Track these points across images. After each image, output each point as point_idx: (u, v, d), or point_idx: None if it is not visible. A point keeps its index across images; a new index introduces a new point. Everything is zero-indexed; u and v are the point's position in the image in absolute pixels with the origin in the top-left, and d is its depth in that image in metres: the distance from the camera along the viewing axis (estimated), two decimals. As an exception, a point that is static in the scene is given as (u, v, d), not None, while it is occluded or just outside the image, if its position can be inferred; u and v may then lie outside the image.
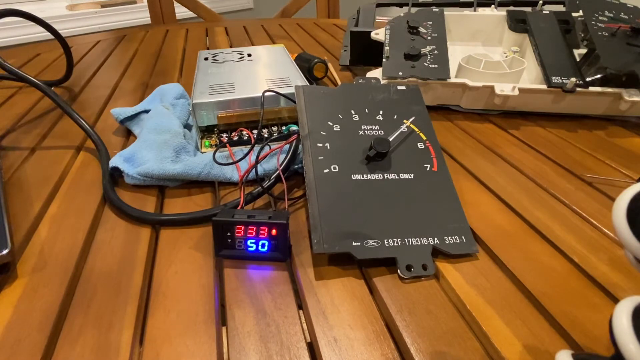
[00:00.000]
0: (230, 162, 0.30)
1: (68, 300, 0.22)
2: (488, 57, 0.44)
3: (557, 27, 0.46)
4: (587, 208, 0.29)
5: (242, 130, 0.35)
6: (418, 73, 0.42)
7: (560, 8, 0.56)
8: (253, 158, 0.29)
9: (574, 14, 0.48)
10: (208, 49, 0.52)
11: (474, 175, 0.33)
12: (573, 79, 0.39)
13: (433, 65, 0.43)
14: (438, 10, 0.51)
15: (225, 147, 0.34)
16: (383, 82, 0.42)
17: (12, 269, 0.24)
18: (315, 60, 0.49)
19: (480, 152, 0.37)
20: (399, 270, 0.24)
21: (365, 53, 0.57)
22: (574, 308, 0.21)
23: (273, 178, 0.29)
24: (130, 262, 0.25)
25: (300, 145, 0.29)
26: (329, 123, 0.30)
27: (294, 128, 0.34)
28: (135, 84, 0.54)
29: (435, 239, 0.25)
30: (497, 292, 0.23)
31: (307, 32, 0.82)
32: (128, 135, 0.40)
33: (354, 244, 0.24)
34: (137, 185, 0.32)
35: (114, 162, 0.32)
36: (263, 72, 0.40)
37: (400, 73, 0.42)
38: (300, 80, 0.37)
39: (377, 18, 0.62)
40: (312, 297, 0.22)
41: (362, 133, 0.30)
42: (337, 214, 0.25)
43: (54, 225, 0.28)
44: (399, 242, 0.25)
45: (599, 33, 0.42)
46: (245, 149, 0.34)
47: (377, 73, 0.45)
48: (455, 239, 0.25)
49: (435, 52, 0.44)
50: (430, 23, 0.49)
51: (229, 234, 0.24)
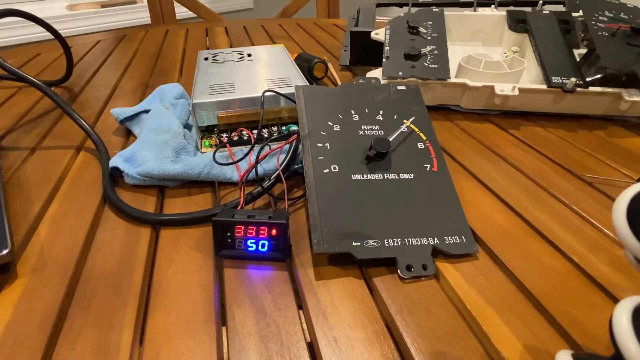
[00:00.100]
0: (230, 162, 0.30)
1: (68, 300, 0.22)
2: (488, 57, 0.44)
3: (557, 27, 0.46)
4: (587, 208, 0.29)
5: (242, 130, 0.35)
6: (418, 73, 0.42)
7: (560, 8, 0.56)
8: (253, 158, 0.29)
9: (574, 14, 0.48)
10: (208, 49, 0.52)
11: (474, 175, 0.33)
12: (573, 79, 0.39)
13: (433, 65, 0.43)
14: (438, 10, 0.51)
15: (225, 147, 0.34)
16: (383, 82, 0.42)
17: (12, 269, 0.24)
18: (315, 60, 0.49)
19: (480, 152, 0.37)
20: (399, 270, 0.24)
21: (365, 53, 0.57)
22: (574, 308, 0.21)
23: (273, 178, 0.29)
24: (130, 262, 0.25)
25: (300, 145, 0.29)
26: (329, 123, 0.30)
27: (294, 128, 0.34)
28: (135, 84, 0.54)
29: (435, 239, 0.25)
30: (497, 292, 0.23)
31: (307, 32, 0.82)
32: (128, 135, 0.40)
33: (354, 244, 0.24)
34: (137, 185, 0.32)
35: (114, 162, 0.32)
36: (263, 72, 0.40)
37: (400, 73, 0.42)
38: (300, 80, 0.37)
39: (377, 18, 0.62)
40: (312, 297, 0.22)
41: (362, 133, 0.30)
42: (337, 214, 0.25)
43: (54, 225, 0.28)
44: (399, 242, 0.25)
45: (599, 33, 0.42)
46: (245, 149, 0.34)
47: (377, 73, 0.45)
48: (455, 239, 0.25)
49: (435, 52, 0.44)
50: (430, 23, 0.49)
51: (229, 234, 0.24)
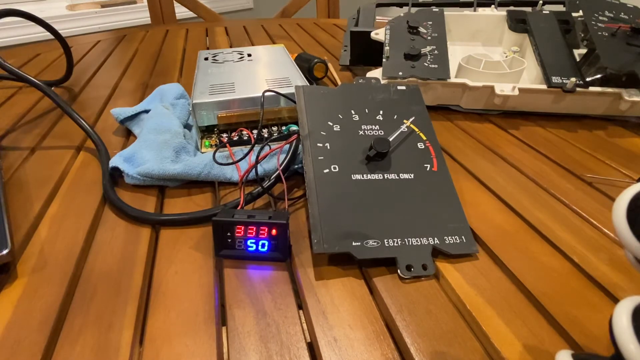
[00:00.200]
0: (230, 162, 0.30)
1: (68, 300, 0.22)
2: (488, 57, 0.44)
3: (557, 27, 0.46)
4: (587, 208, 0.29)
5: (242, 130, 0.35)
6: (418, 73, 0.42)
7: (560, 8, 0.56)
8: (253, 158, 0.29)
9: (574, 14, 0.48)
10: (208, 49, 0.52)
11: (474, 175, 0.33)
12: (573, 79, 0.39)
13: (433, 65, 0.43)
14: (438, 10, 0.51)
15: (225, 147, 0.34)
16: (383, 82, 0.42)
17: (12, 269, 0.24)
18: (315, 60, 0.49)
19: (480, 152, 0.37)
20: (399, 270, 0.24)
21: (365, 53, 0.57)
22: (574, 308, 0.21)
23: (273, 178, 0.29)
24: (130, 262, 0.25)
25: (300, 145, 0.29)
26: (329, 123, 0.30)
27: (294, 128, 0.34)
28: (135, 84, 0.54)
29: (435, 239, 0.25)
30: (497, 292, 0.23)
31: (307, 32, 0.82)
32: (128, 135, 0.40)
33: (354, 244, 0.24)
34: (137, 185, 0.32)
35: (114, 162, 0.32)
36: (263, 72, 0.40)
37: (400, 73, 0.42)
38: (300, 80, 0.37)
39: (377, 18, 0.62)
40: (312, 297, 0.22)
41: (362, 133, 0.30)
42: (337, 214, 0.25)
43: (54, 225, 0.28)
44: (399, 242, 0.25)
45: (599, 33, 0.42)
46: (245, 149, 0.34)
47: (377, 73, 0.45)
48: (455, 239, 0.25)
49: (435, 52, 0.44)
50: (430, 23, 0.49)
51: (229, 234, 0.24)
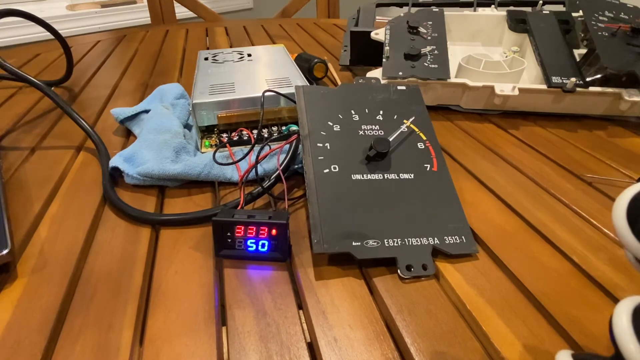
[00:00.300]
0: (230, 162, 0.30)
1: (68, 300, 0.22)
2: (488, 57, 0.44)
3: (557, 27, 0.46)
4: (587, 208, 0.29)
5: (242, 130, 0.35)
6: (418, 73, 0.42)
7: (560, 8, 0.56)
8: (253, 158, 0.29)
9: (574, 14, 0.48)
10: (208, 49, 0.52)
11: (474, 175, 0.33)
12: (573, 79, 0.39)
13: (433, 65, 0.43)
14: (438, 10, 0.51)
15: (225, 147, 0.34)
16: (383, 82, 0.42)
17: (12, 269, 0.24)
18: (315, 60, 0.49)
19: (480, 152, 0.37)
20: (399, 270, 0.24)
21: (365, 53, 0.57)
22: (574, 308, 0.21)
23: (273, 178, 0.29)
24: (130, 262, 0.25)
25: (300, 145, 0.29)
26: (329, 123, 0.30)
27: (294, 128, 0.34)
28: (135, 84, 0.54)
29: (435, 239, 0.25)
30: (497, 292, 0.23)
31: (307, 32, 0.82)
32: (128, 135, 0.40)
33: (354, 244, 0.24)
34: (137, 185, 0.32)
35: (114, 162, 0.32)
36: (263, 72, 0.40)
37: (400, 73, 0.42)
38: (300, 80, 0.37)
39: (377, 18, 0.62)
40: (312, 297, 0.22)
41: (362, 133, 0.30)
42: (337, 214, 0.25)
43: (54, 225, 0.28)
44: (399, 242, 0.25)
45: (599, 33, 0.42)
46: (245, 149, 0.34)
47: (377, 73, 0.45)
48: (455, 239, 0.25)
49: (435, 52, 0.44)
50: (430, 23, 0.49)
51: (229, 234, 0.24)
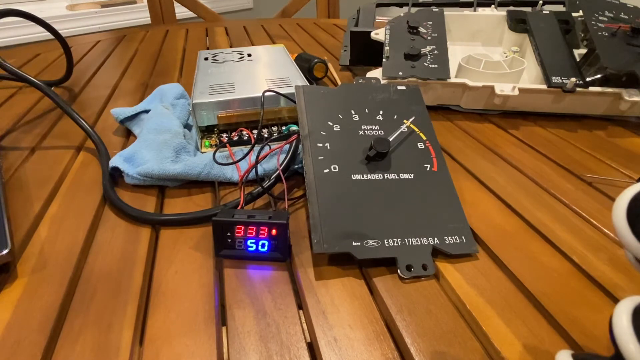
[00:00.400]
0: (230, 162, 0.30)
1: (68, 300, 0.22)
2: (488, 57, 0.44)
3: (557, 27, 0.46)
4: (587, 208, 0.29)
5: (242, 130, 0.35)
6: (418, 73, 0.42)
7: (560, 8, 0.56)
8: (253, 158, 0.29)
9: (574, 14, 0.48)
10: (208, 49, 0.52)
11: (474, 175, 0.33)
12: (573, 79, 0.39)
13: (433, 65, 0.43)
14: (438, 10, 0.51)
15: (225, 147, 0.34)
16: (383, 82, 0.42)
17: (12, 269, 0.24)
18: (315, 60, 0.49)
19: (480, 152, 0.37)
20: (399, 270, 0.24)
21: (365, 53, 0.57)
22: (574, 308, 0.21)
23: (273, 178, 0.29)
24: (130, 262, 0.25)
25: (300, 145, 0.29)
26: (329, 123, 0.30)
27: (294, 128, 0.34)
28: (135, 84, 0.54)
29: (435, 239, 0.25)
30: (497, 292, 0.23)
31: (307, 32, 0.82)
32: (128, 135, 0.40)
33: (354, 244, 0.24)
34: (137, 185, 0.32)
35: (114, 162, 0.32)
36: (263, 72, 0.40)
37: (400, 73, 0.42)
38: (300, 80, 0.37)
39: (377, 18, 0.62)
40: (312, 297, 0.22)
41: (362, 133, 0.30)
42: (337, 214, 0.25)
43: (54, 225, 0.28)
44: (399, 242, 0.25)
45: (599, 33, 0.42)
46: (245, 149, 0.34)
47: (377, 73, 0.45)
48: (455, 239, 0.25)
49: (435, 52, 0.44)
50: (430, 23, 0.49)
51: (229, 234, 0.24)
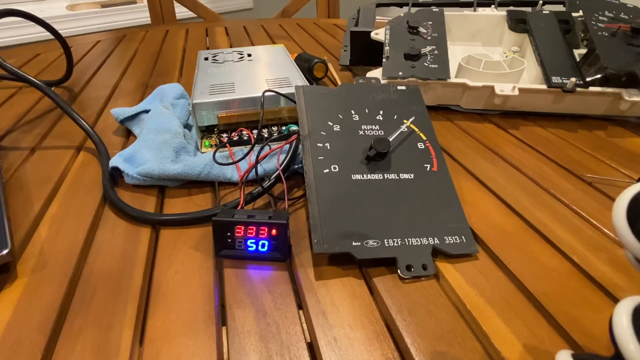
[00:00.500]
0: (230, 162, 0.30)
1: (68, 300, 0.22)
2: (488, 57, 0.44)
3: (557, 27, 0.46)
4: (587, 208, 0.29)
5: (242, 130, 0.35)
6: (418, 73, 0.42)
7: (560, 8, 0.56)
8: (253, 158, 0.29)
9: (574, 14, 0.48)
10: (208, 49, 0.52)
11: (474, 175, 0.33)
12: (573, 79, 0.39)
13: (433, 65, 0.43)
14: (438, 10, 0.51)
15: (225, 147, 0.34)
16: (383, 82, 0.42)
17: (12, 269, 0.24)
18: (315, 60, 0.49)
19: (480, 152, 0.37)
20: (399, 270, 0.24)
21: (365, 53, 0.57)
22: (574, 308, 0.21)
23: (273, 178, 0.29)
24: (130, 262, 0.25)
25: (300, 145, 0.29)
26: (329, 123, 0.30)
27: (294, 128, 0.34)
28: (135, 84, 0.54)
29: (435, 239, 0.25)
30: (497, 292, 0.23)
31: (307, 32, 0.82)
32: (128, 135, 0.40)
33: (354, 244, 0.24)
34: (137, 185, 0.32)
35: (114, 162, 0.32)
36: (263, 72, 0.40)
37: (400, 73, 0.42)
38: (300, 80, 0.37)
39: (377, 18, 0.62)
40: (312, 297, 0.22)
41: (362, 133, 0.30)
42: (337, 214, 0.25)
43: (54, 225, 0.28)
44: (399, 242, 0.25)
45: (599, 33, 0.42)
46: (245, 149, 0.34)
47: (377, 73, 0.45)
48: (455, 239, 0.25)
49: (435, 52, 0.44)
50: (430, 23, 0.49)
51: (229, 234, 0.24)
